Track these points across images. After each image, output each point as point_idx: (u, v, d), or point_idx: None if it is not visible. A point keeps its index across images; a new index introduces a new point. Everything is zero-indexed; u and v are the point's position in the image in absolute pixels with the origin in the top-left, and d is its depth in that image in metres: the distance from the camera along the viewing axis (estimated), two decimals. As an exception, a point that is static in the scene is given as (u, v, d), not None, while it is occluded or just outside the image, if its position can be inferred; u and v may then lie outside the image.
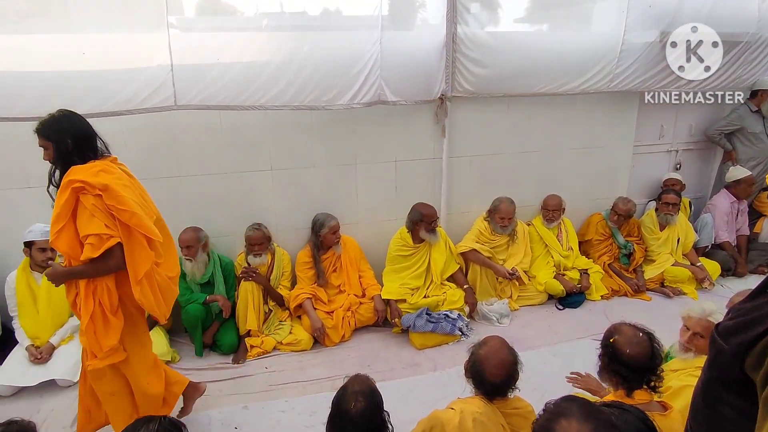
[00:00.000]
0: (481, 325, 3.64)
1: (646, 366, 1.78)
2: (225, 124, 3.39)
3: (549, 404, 1.30)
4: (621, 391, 1.82)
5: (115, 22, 2.95)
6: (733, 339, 1.04)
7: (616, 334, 1.85)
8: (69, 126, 2.13)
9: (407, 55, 3.42)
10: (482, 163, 3.97)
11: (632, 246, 4.19)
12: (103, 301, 2.15)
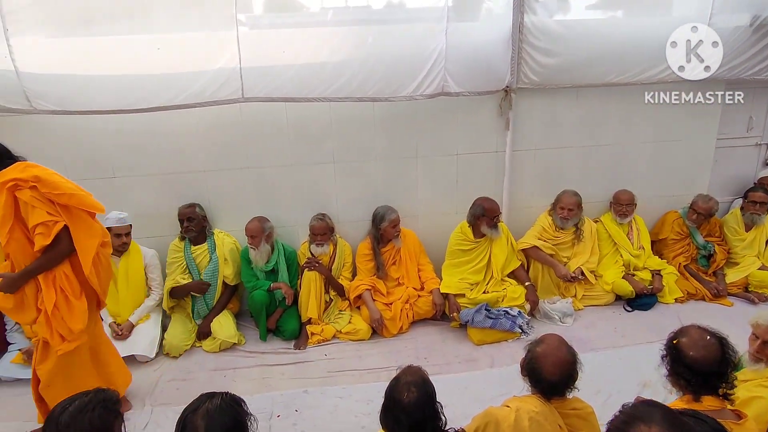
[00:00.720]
0: (543, 324, 3.54)
1: (712, 371, 1.65)
2: (290, 118, 3.50)
3: (627, 406, 1.25)
4: (688, 396, 1.71)
5: (189, 22, 3.13)
6: None
7: (681, 336, 1.74)
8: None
9: (471, 46, 3.36)
10: (547, 157, 3.84)
11: (713, 247, 3.89)
12: (64, 287, 2.30)
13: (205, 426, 1.48)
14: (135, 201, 3.51)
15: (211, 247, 3.50)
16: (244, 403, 1.61)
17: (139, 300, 3.41)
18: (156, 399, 2.91)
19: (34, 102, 3.07)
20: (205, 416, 1.50)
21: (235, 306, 3.71)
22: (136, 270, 3.37)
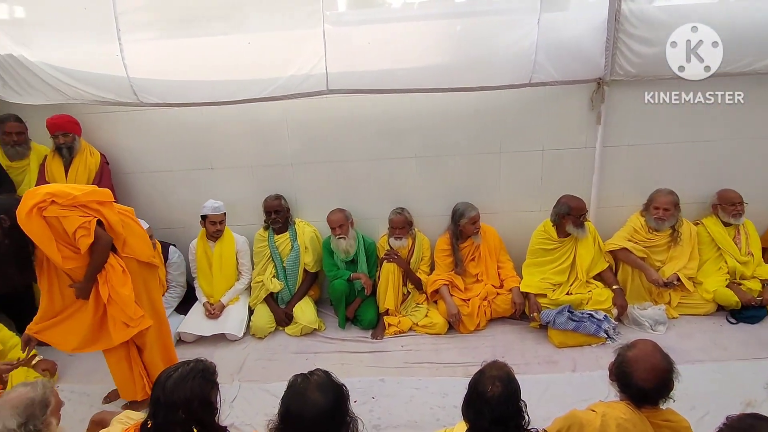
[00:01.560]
0: (631, 331, 3.32)
1: None
2: (375, 113, 3.56)
3: (731, 418, 1.16)
4: None
5: (277, 21, 3.32)
6: None
7: None
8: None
9: (562, 36, 3.20)
10: (642, 153, 3.58)
11: None
12: (110, 278, 2.48)
13: (314, 398, 1.59)
14: (228, 191, 3.77)
15: (293, 236, 3.66)
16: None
17: (230, 283, 3.66)
18: (243, 376, 3.11)
19: (140, 96, 3.37)
20: (316, 387, 1.62)
21: (316, 293, 3.85)
22: (228, 255, 3.62)
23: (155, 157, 3.78)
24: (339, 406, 1.65)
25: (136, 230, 2.67)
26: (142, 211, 3.76)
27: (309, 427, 1.57)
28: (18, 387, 1.78)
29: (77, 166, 3.45)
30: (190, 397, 1.67)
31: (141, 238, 2.69)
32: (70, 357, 3.39)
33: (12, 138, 3.39)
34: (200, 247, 3.63)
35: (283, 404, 1.63)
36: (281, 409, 1.63)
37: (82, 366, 3.30)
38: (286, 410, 1.60)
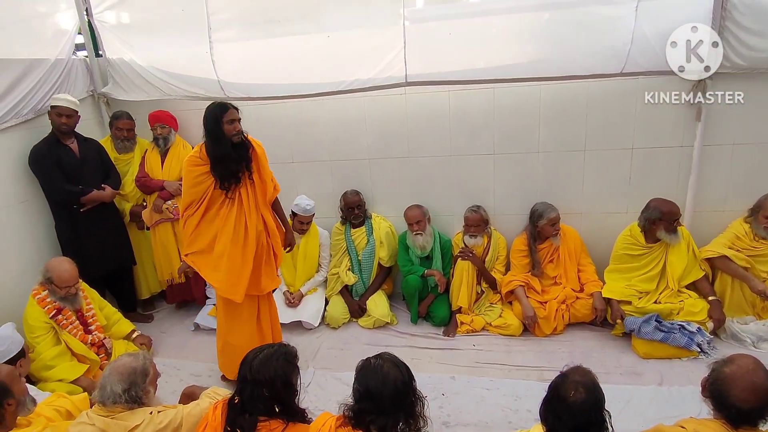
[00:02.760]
0: (729, 346, 3.04)
1: None
2: (452, 107, 3.54)
3: None
4: None
5: (357, 20, 3.39)
6: None
7: None
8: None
9: (662, 25, 2.97)
10: (749, 153, 3.25)
11: None
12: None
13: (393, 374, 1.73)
14: (308, 184, 3.91)
15: (369, 230, 3.73)
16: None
17: (310, 274, 3.81)
18: (318, 363, 3.23)
19: (227, 91, 3.60)
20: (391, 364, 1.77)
21: (389, 288, 3.90)
22: (312, 248, 3.78)
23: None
24: (411, 381, 1.77)
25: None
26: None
27: (389, 400, 1.68)
28: (123, 357, 1.97)
29: (171, 158, 3.75)
30: (273, 376, 1.78)
31: None
32: (162, 333, 3.72)
33: (123, 133, 3.75)
34: (287, 239, 3.80)
35: (361, 383, 1.74)
36: (359, 388, 1.73)
37: (174, 342, 3.60)
38: (365, 388, 1.71)
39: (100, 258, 3.51)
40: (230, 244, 2.69)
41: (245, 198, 2.72)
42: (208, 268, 2.76)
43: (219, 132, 2.57)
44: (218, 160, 2.60)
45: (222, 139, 2.57)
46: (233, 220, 2.69)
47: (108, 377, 1.87)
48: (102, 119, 4.03)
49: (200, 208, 2.69)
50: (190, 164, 2.65)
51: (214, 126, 2.57)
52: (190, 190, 2.67)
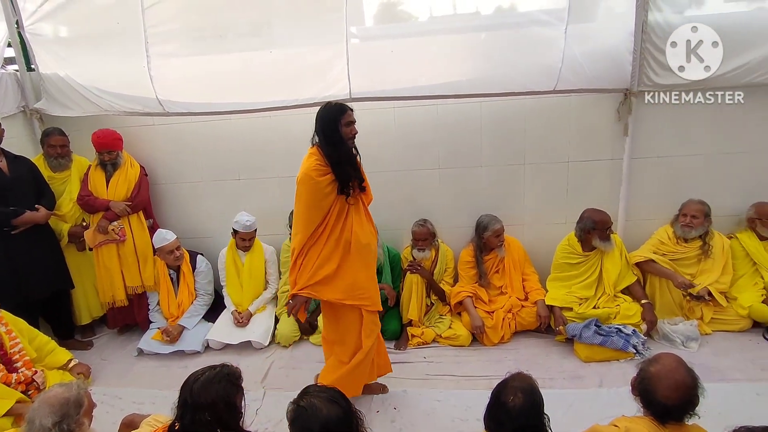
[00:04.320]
0: (661, 346, 3.22)
1: None
2: (398, 124, 3.62)
3: (743, 430, 1.13)
4: None
5: (303, 35, 3.42)
6: None
7: None
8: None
9: (590, 46, 3.21)
10: (672, 165, 3.51)
11: None
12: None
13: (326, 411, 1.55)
14: (255, 201, 3.87)
15: (320, 247, 3.71)
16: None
17: (258, 292, 3.75)
18: (269, 383, 3.16)
19: (166, 106, 3.52)
20: (324, 401, 1.58)
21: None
22: (258, 265, 3.71)
23: (186, 168, 3.93)
24: (350, 406, 1.62)
25: None
26: (173, 221, 3.93)
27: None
28: (54, 387, 1.87)
29: (118, 177, 3.61)
30: (216, 399, 1.72)
31: None
32: (103, 361, 3.54)
33: (56, 150, 3.57)
34: (230, 257, 3.72)
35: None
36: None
37: (115, 369, 3.44)
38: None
39: (36, 283, 3.33)
40: (357, 256, 2.54)
41: (360, 203, 2.63)
42: (339, 292, 2.54)
43: (337, 135, 2.44)
44: (340, 164, 2.45)
45: (341, 142, 2.45)
46: (357, 228, 2.55)
47: (37, 410, 1.75)
48: (35, 136, 3.83)
49: (327, 226, 2.48)
50: (316, 175, 2.40)
51: (333, 128, 2.44)
52: (316, 207, 2.43)
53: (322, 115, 2.47)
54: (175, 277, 3.69)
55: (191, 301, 3.69)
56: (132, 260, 3.66)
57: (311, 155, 2.47)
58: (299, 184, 2.44)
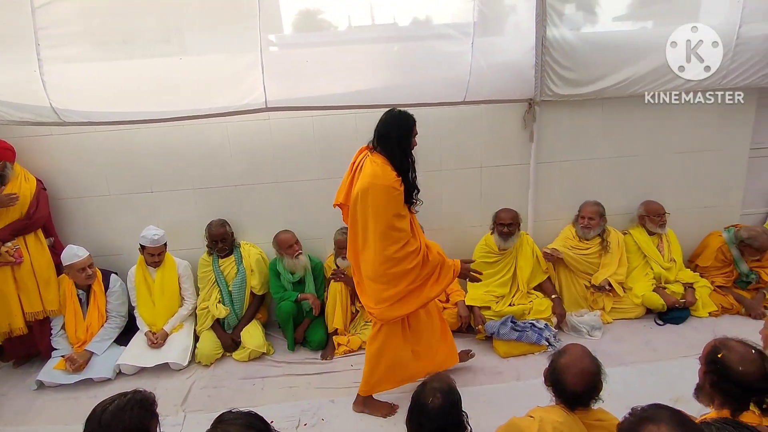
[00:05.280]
0: (570, 337, 3.49)
1: (757, 386, 1.62)
2: (317, 133, 3.62)
3: (636, 409, 1.26)
4: (726, 411, 1.67)
5: (216, 42, 3.33)
6: None
7: (725, 350, 1.69)
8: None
9: (497, 59, 3.40)
10: (573, 169, 3.82)
11: (757, 277, 3.71)
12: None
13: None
14: (169, 214, 3.70)
15: (238, 258, 3.61)
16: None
17: (173, 310, 3.55)
18: (189, 406, 3.01)
19: (62, 115, 3.23)
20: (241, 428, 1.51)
21: (264, 316, 3.81)
22: (170, 281, 3.53)
23: (93, 181, 3.66)
24: (268, 428, 1.55)
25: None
26: (79, 238, 3.64)
27: None
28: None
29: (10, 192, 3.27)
30: (128, 429, 1.61)
31: None
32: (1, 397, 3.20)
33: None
34: (139, 275, 3.51)
35: None
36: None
37: (13, 405, 3.14)
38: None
39: None
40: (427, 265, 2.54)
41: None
42: (417, 301, 2.54)
43: (408, 145, 2.40)
44: (407, 173, 2.42)
45: (410, 151, 2.42)
46: (420, 238, 2.52)
47: None
48: None
49: (410, 236, 2.43)
50: (394, 184, 2.34)
51: (406, 137, 2.39)
52: (400, 216, 2.37)
53: (400, 123, 2.43)
54: (85, 298, 3.42)
55: (101, 324, 3.44)
56: (31, 283, 3.34)
57: (382, 164, 2.39)
58: (382, 194, 2.34)
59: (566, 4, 3.34)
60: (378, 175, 2.35)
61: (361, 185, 2.36)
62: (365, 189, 2.34)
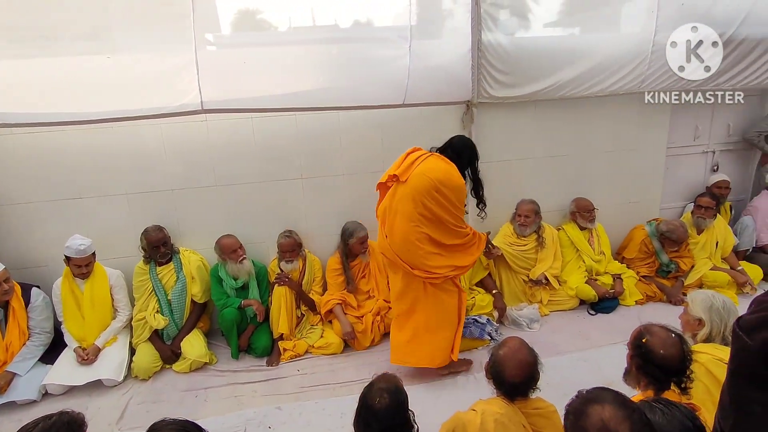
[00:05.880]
0: (511, 330, 3.63)
1: (677, 368, 1.76)
2: (257, 135, 3.54)
3: (581, 391, 1.34)
4: (650, 392, 1.80)
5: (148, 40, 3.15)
6: (758, 334, 1.03)
7: (648, 335, 1.82)
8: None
9: (435, 62, 3.48)
10: (510, 169, 3.97)
11: (676, 267, 4.01)
12: None
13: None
14: (101, 222, 3.49)
15: (177, 266, 3.47)
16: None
17: (105, 323, 3.35)
18: (125, 423, 2.86)
19: None
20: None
21: (206, 325, 3.68)
22: (101, 293, 3.32)
23: (10, 187, 3.38)
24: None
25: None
26: (-3, 249, 3.35)
27: None
28: None
29: None
30: None
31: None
32: None
33: None
34: (66, 287, 3.28)
35: None
36: None
37: None
38: None
39: None
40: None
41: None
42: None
43: (475, 168, 2.97)
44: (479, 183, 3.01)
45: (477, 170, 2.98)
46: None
47: None
48: None
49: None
50: (461, 181, 2.80)
51: (475, 161, 2.98)
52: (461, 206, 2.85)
53: (472, 147, 2.96)
54: (2, 315, 3.15)
55: (23, 342, 3.18)
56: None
57: (450, 163, 2.80)
58: (458, 190, 2.79)
59: (501, 10, 3.47)
60: (447, 169, 2.77)
61: (444, 173, 2.75)
62: (449, 176, 2.76)
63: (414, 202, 2.71)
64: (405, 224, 2.74)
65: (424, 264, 2.79)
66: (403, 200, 2.74)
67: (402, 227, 2.75)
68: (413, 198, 2.70)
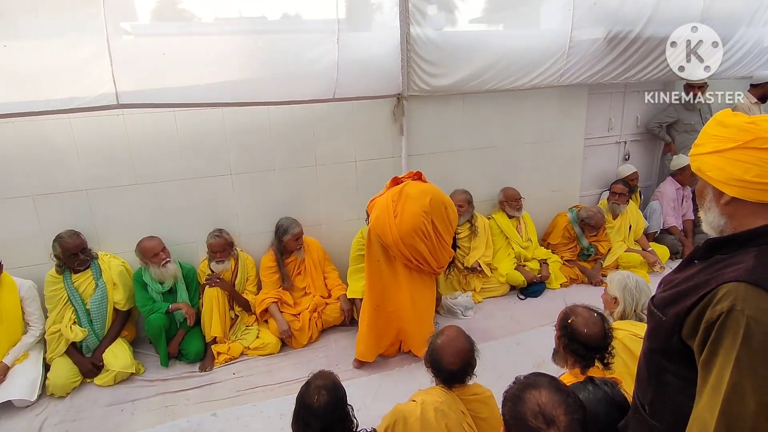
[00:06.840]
0: (446, 319, 3.72)
1: (600, 345, 1.87)
2: (181, 129, 3.35)
3: (519, 377, 1.38)
4: (577, 369, 1.91)
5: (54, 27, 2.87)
6: (670, 310, 1.10)
7: (573, 316, 1.92)
8: None
9: (364, 55, 3.46)
10: (441, 160, 4.05)
11: (595, 250, 4.27)
12: None
13: None
14: (4, 227, 3.16)
15: (96, 272, 3.21)
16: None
17: (14, 338, 3.04)
18: (41, 446, 2.62)
19: None
20: None
21: (131, 333, 3.44)
22: (10, 305, 3.01)
23: None
24: None
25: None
26: None
27: None
28: None
29: None
30: None
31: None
32: None
33: None
34: (-33, 301, 2.95)
35: None
36: None
37: None
38: None
39: None
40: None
41: None
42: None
43: None
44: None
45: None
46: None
47: None
48: None
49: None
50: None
51: None
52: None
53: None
54: None
55: None
56: None
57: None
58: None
59: (428, 5, 3.51)
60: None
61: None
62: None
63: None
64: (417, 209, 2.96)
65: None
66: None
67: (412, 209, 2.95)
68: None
